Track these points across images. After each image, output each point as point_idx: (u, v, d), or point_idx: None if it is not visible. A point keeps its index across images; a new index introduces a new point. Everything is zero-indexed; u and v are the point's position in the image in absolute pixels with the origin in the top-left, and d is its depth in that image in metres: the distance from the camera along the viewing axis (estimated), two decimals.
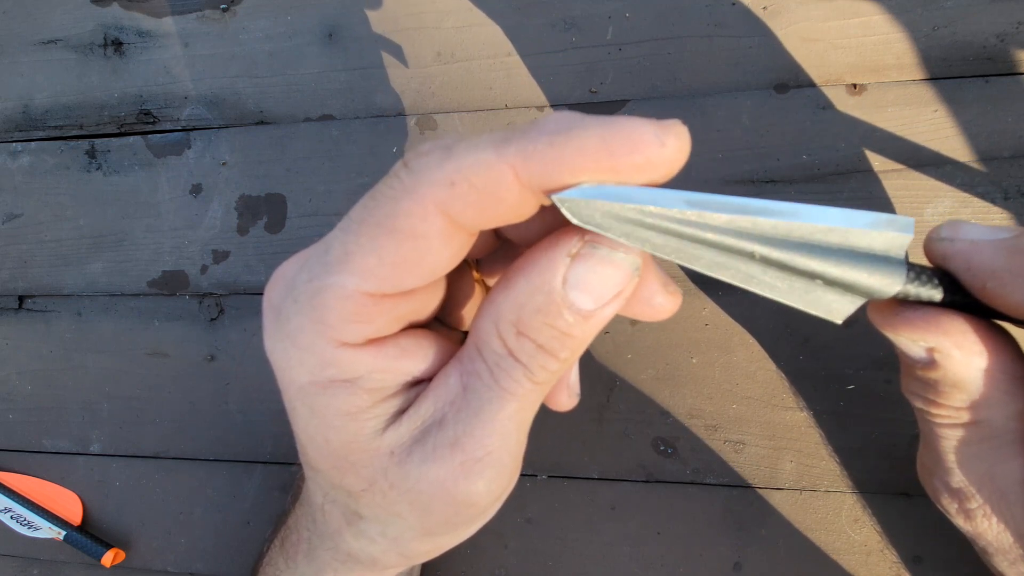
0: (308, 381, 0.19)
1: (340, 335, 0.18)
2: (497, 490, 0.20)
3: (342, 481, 0.20)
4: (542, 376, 0.18)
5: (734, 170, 0.32)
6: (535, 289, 0.17)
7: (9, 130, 0.41)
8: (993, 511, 0.21)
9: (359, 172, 0.36)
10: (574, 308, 0.17)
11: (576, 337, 0.18)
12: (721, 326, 0.32)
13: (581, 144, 0.16)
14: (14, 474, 0.39)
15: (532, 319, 0.18)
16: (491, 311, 0.18)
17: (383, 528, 0.21)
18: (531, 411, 0.20)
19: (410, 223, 0.17)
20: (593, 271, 0.17)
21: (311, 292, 0.18)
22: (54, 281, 0.40)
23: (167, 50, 0.39)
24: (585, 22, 0.34)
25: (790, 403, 0.31)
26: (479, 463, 0.19)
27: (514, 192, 0.16)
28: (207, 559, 0.37)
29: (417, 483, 0.19)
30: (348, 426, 0.19)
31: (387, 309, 0.18)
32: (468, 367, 0.19)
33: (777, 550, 0.31)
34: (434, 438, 0.19)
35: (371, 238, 0.17)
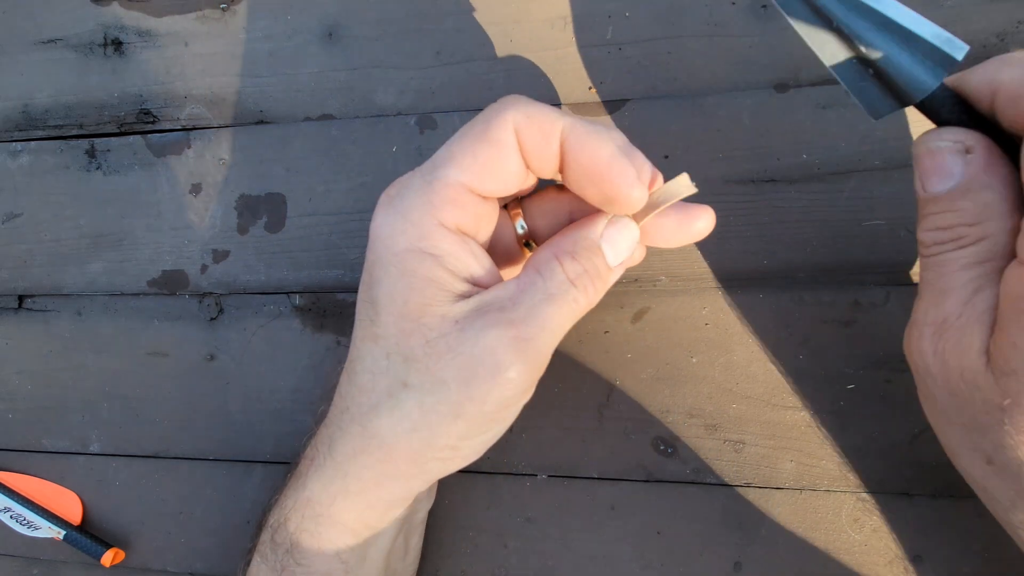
0: (405, 248, 0.24)
1: (440, 215, 0.24)
2: (531, 377, 0.24)
3: (407, 343, 0.24)
4: (580, 296, 0.25)
5: (734, 169, 0.32)
6: (585, 236, 0.25)
7: (9, 129, 0.41)
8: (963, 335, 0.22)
9: (359, 172, 0.36)
10: (603, 255, 0.25)
11: (603, 278, 0.25)
12: (721, 326, 0.32)
13: (602, 148, 0.24)
14: (14, 474, 0.39)
15: (583, 252, 0.25)
16: (551, 247, 0.25)
17: (422, 398, 0.24)
18: (567, 322, 0.25)
19: (495, 132, 0.24)
20: (618, 232, 0.26)
21: (423, 182, 0.25)
22: (54, 281, 0.40)
23: (167, 50, 0.39)
24: (585, 21, 0.34)
25: (790, 403, 0.31)
26: (526, 342, 0.24)
27: (557, 141, 0.24)
28: (207, 559, 0.37)
29: (472, 347, 0.23)
30: (428, 290, 0.24)
31: (475, 204, 0.25)
32: (525, 280, 0.25)
33: (777, 550, 0.31)
34: (495, 316, 0.24)
35: (469, 144, 0.24)
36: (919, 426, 0.30)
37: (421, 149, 0.36)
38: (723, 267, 0.32)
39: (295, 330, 0.37)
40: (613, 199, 0.24)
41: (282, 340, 0.37)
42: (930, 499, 0.30)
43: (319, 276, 0.36)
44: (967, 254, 0.22)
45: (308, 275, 0.37)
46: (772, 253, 0.32)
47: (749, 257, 0.32)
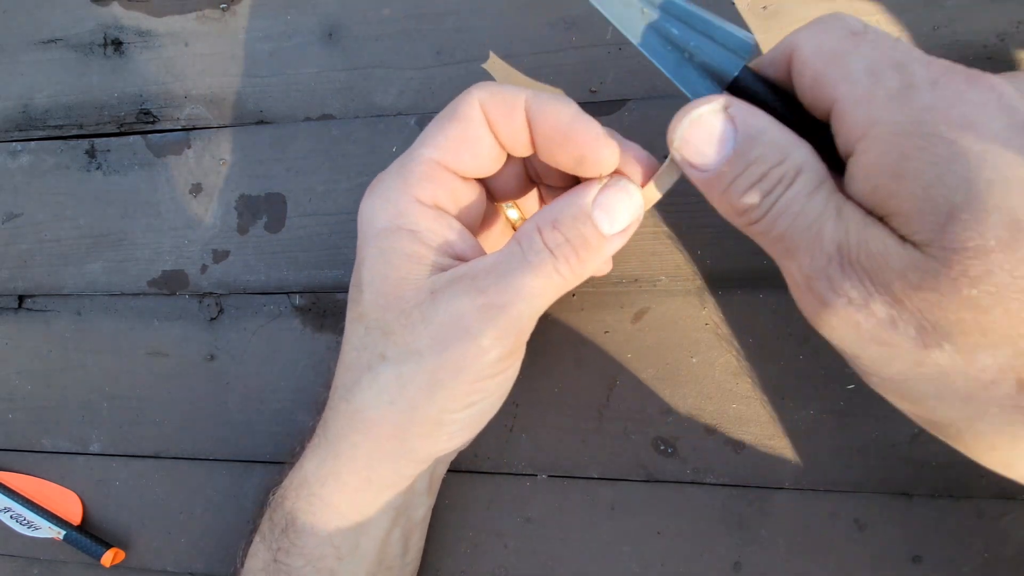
0: (384, 226, 0.25)
1: (415, 191, 0.25)
2: (505, 346, 0.24)
3: (384, 316, 0.25)
4: (562, 266, 0.24)
5: None
6: (572, 203, 0.24)
7: (9, 129, 0.41)
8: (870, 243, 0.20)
9: (359, 172, 0.36)
10: (595, 222, 0.24)
11: (592, 248, 0.24)
12: (721, 326, 0.32)
13: (561, 111, 0.24)
14: (14, 474, 0.39)
15: (566, 220, 0.24)
16: (536, 216, 0.25)
17: (399, 369, 0.25)
18: (545, 294, 0.24)
19: (461, 109, 0.25)
20: (614, 196, 0.24)
21: (400, 164, 0.26)
22: (54, 281, 0.40)
23: (167, 49, 0.39)
24: (585, 22, 0.34)
25: (790, 403, 0.31)
26: (496, 309, 0.23)
27: (522, 113, 0.24)
28: (207, 559, 0.37)
29: (443, 315, 0.24)
30: (405, 265, 0.25)
31: (448, 180, 0.25)
32: (504, 251, 0.24)
33: (777, 550, 0.31)
34: (465, 283, 0.24)
35: (440, 125, 0.25)
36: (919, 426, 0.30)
37: None
38: (723, 267, 0.32)
39: (295, 330, 0.37)
40: (583, 158, 0.24)
41: (282, 340, 0.37)
42: (930, 499, 0.30)
43: (319, 276, 0.36)
44: (801, 185, 0.20)
45: (308, 275, 0.37)
46: None
47: (749, 257, 0.32)
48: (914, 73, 0.19)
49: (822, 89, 0.21)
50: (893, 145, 0.19)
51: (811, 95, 0.21)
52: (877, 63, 0.20)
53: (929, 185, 0.18)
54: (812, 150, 0.21)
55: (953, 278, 0.18)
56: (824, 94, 0.21)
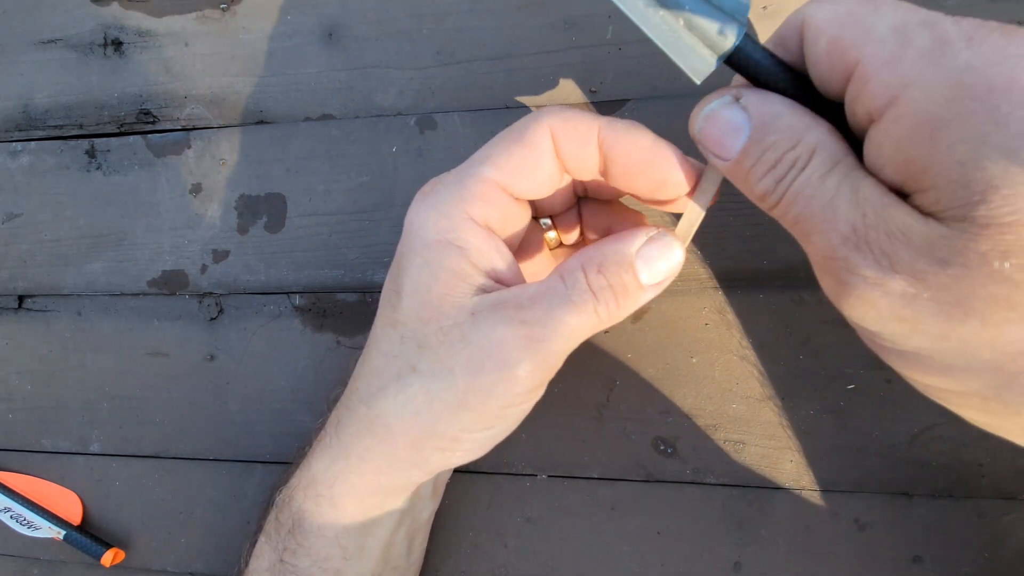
0: (434, 238, 0.25)
1: (471, 209, 0.25)
2: (537, 378, 0.25)
3: (423, 329, 0.25)
4: (601, 308, 0.24)
5: None
6: (618, 249, 0.25)
7: (9, 130, 0.41)
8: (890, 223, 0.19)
9: (359, 172, 0.36)
10: (635, 273, 0.24)
11: (630, 294, 0.24)
12: (721, 326, 0.32)
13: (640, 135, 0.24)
14: (14, 474, 0.39)
15: (611, 266, 0.24)
16: (580, 255, 0.25)
17: (428, 384, 0.25)
18: (582, 331, 0.24)
19: (531, 135, 0.25)
20: (657, 250, 0.25)
21: (458, 177, 0.26)
22: (54, 281, 0.40)
23: (167, 49, 0.39)
24: (585, 22, 0.34)
25: (790, 403, 0.31)
26: (535, 342, 0.24)
27: (595, 142, 0.25)
28: (207, 559, 0.37)
29: (483, 338, 0.24)
30: (450, 280, 0.25)
31: (503, 201, 0.26)
32: (549, 284, 0.24)
33: (777, 550, 0.31)
34: (510, 312, 0.24)
35: (505, 145, 0.25)
36: (919, 426, 0.30)
37: (421, 149, 0.36)
38: (723, 267, 0.32)
39: (295, 330, 0.37)
40: (664, 182, 0.24)
41: (282, 340, 0.37)
42: (930, 499, 0.30)
43: (319, 276, 0.36)
44: (815, 166, 0.20)
45: (308, 275, 0.37)
46: (772, 253, 0.32)
47: (749, 257, 0.32)
48: (946, 30, 0.18)
49: (841, 54, 0.19)
50: (927, 112, 0.17)
51: (827, 65, 0.20)
52: (903, 21, 0.18)
53: (966, 157, 0.17)
54: (829, 128, 0.20)
55: (983, 252, 0.17)
56: (844, 59, 0.19)
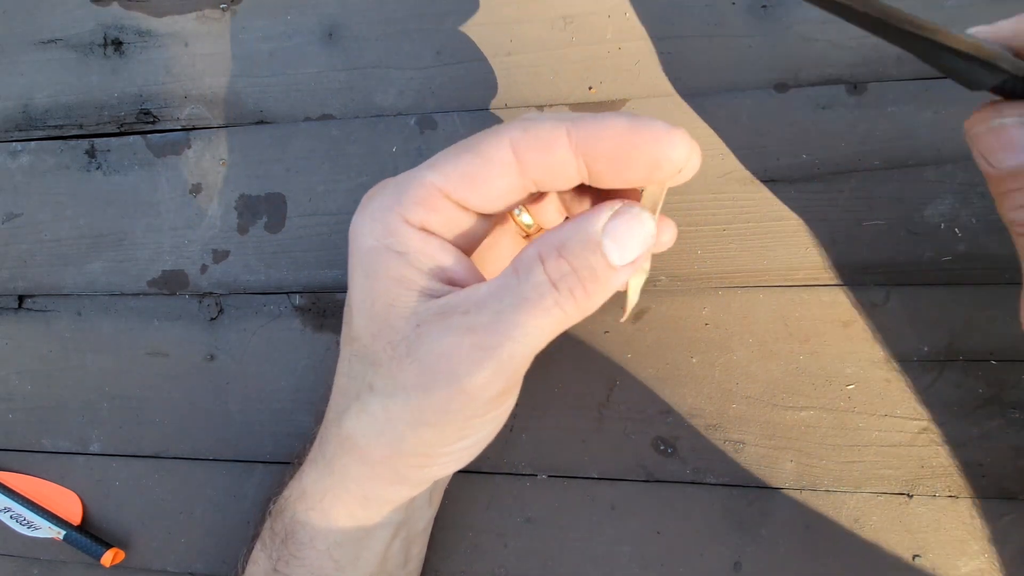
0: (371, 246, 0.23)
1: (407, 213, 0.23)
2: (494, 389, 0.22)
3: (373, 345, 0.23)
4: (565, 300, 0.22)
5: (733, 169, 0.32)
6: (580, 228, 0.22)
7: (9, 130, 0.41)
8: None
9: (359, 172, 0.36)
10: (604, 251, 0.21)
11: (599, 278, 0.22)
12: (721, 326, 0.32)
13: (614, 119, 0.22)
14: (14, 474, 0.39)
15: (574, 247, 0.21)
16: (536, 242, 0.22)
17: (385, 402, 0.23)
18: (543, 332, 0.22)
19: (486, 146, 0.22)
20: (625, 224, 0.22)
21: (398, 181, 0.24)
22: (54, 281, 0.40)
23: (167, 49, 0.39)
24: (584, 21, 0.34)
25: (790, 403, 0.31)
26: (485, 351, 0.21)
27: (564, 147, 0.22)
28: (207, 559, 0.37)
29: (429, 353, 0.22)
30: (393, 290, 0.23)
31: (447, 208, 0.23)
32: (501, 281, 0.22)
33: (777, 550, 0.31)
34: (456, 319, 0.22)
35: (455, 153, 0.23)
36: (919, 426, 0.30)
37: (421, 149, 0.36)
38: (723, 267, 0.32)
39: (295, 330, 0.37)
40: (657, 161, 0.22)
41: (282, 340, 0.37)
42: (930, 499, 0.30)
43: (319, 276, 0.36)
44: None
45: (308, 275, 0.37)
46: (772, 253, 0.32)
47: (749, 257, 0.32)
48: None
49: None
50: None
51: None
52: None
53: None
54: None
55: None
56: None
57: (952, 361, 0.30)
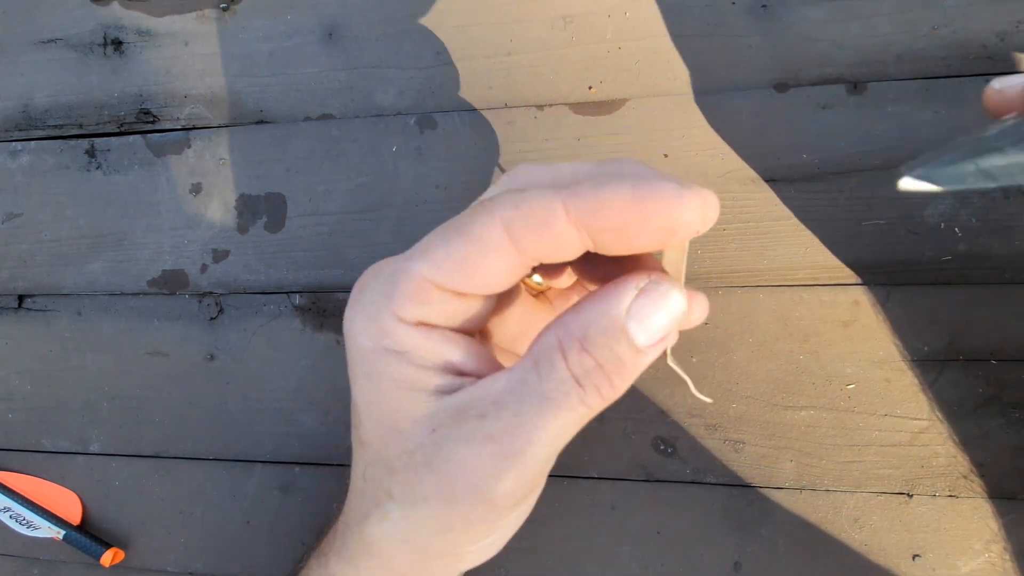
0: (370, 348, 0.22)
1: (400, 310, 0.21)
2: (518, 494, 0.21)
3: (386, 452, 0.22)
4: (590, 396, 0.20)
5: (733, 169, 0.32)
6: (603, 313, 0.20)
7: (9, 129, 0.41)
8: None
9: (359, 171, 0.36)
10: (630, 338, 0.20)
11: (627, 367, 0.20)
12: (721, 326, 0.32)
13: (615, 192, 0.19)
14: (14, 474, 0.39)
15: (596, 338, 0.20)
16: (556, 328, 0.20)
17: (406, 512, 0.22)
18: (567, 432, 0.21)
19: (477, 229, 0.20)
20: (653, 303, 0.20)
21: (388, 273, 0.22)
22: (54, 280, 0.40)
23: (167, 49, 0.39)
24: (584, 20, 0.34)
25: (790, 403, 0.31)
26: (507, 460, 0.20)
27: (562, 222, 0.20)
28: (207, 559, 0.37)
29: (447, 463, 0.21)
30: (397, 393, 0.22)
31: (442, 299, 0.22)
32: (519, 375, 0.20)
33: (777, 550, 0.31)
34: (472, 426, 0.20)
35: (446, 237, 0.21)
36: (919, 426, 0.30)
37: (421, 149, 0.36)
38: (723, 267, 0.32)
39: (295, 330, 0.37)
40: (670, 229, 0.19)
41: (282, 340, 0.37)
42: (930, 499, 0.30)
43: (319, 276, 0.36)
44: None
45: (308, 275, 0.37)
46: (772, 253, 0.32)
47: (749, 257, 0.32)
48: None
49: None
50: None
51: None
52: None
53: None
54: None
55: None
56: None
57: (952, 361, 0.30)
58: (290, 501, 0.36)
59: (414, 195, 0.35)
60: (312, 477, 0.36)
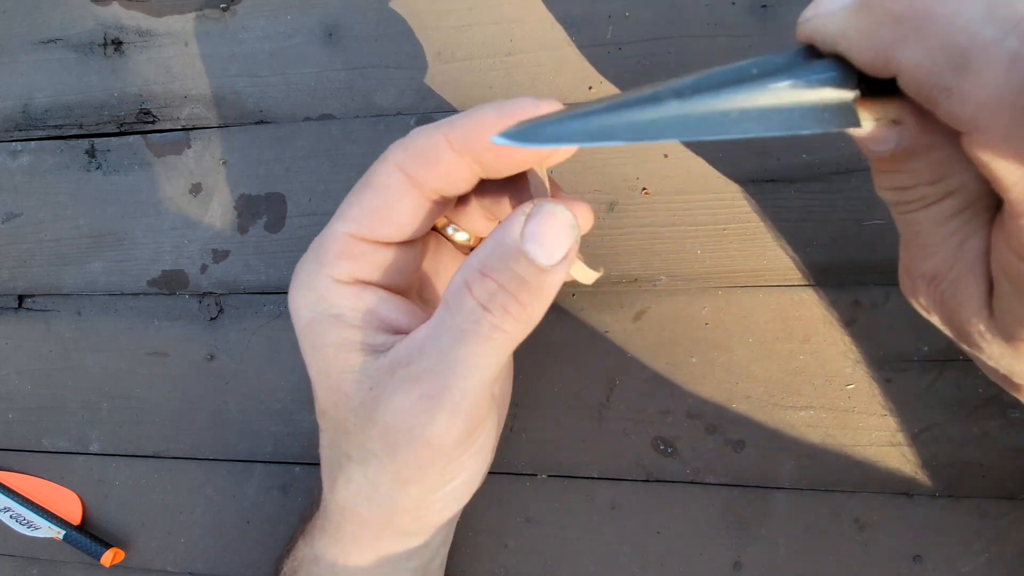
0: (310, 318, 0.23)
1: (331, 271, 0.23)
2: (456, 431, 0.22)
3: (339, 415, 0.23)
4: (502, 320, 0.20)
5: (733, 169, 0.32)
6: (498, 242, 0.20)
7: (9, 129, 0.41)
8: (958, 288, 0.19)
9: (359, 171, 0.36)
10: (530, 257, 0.20)
11: (533, 287, 0.20)
12: (721, 326, 0.32)
13: (484, 113, 0.21)
14: (13, 473, 0.39)
15: (495, 263, 0.20)
16: (461, 269, 0.21)
17: (364, 470, 0.23)
18: (489, 362, 0.21)
19: (379, 179, 0.23)
20: (543, 223, 0.20)
21: (316, 243, 0.24)
22: (54, 280, 0.40)
23: (167, 49, 0.39)
24: (584, 21, 0.34)
25: (790, 403, 0.31)
26: (434, 399, 0.21)
27: (447, 152, 0.22)
28: (207, 559, 0.37)
29: (384, 415, 0.22)
30: (340, 356, 0.23)
31: (368, 251, 0.23)
32: (436, 320, 0.21)
33: (777, 550, 0.31)
34: (400, 374, 0.21)
35: (355, 194, 0.24)
36: (919, 426, 0.30)
37: None
38: (723, 267, 0.32)
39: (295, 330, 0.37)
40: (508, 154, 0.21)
41: (282, 340, 0.37)
42: (930, 499, 0.30)
43: None
44: (938, 211, 0.19)
45: None
46: (772, 253, 0.32)
47: (749, 257, 0.32)
48: None
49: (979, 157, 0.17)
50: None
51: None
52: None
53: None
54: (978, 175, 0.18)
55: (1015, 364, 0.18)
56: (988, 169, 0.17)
57: (952, 361, 0.30)
58: (290, 501, 0.36)
59: None
60: (312, 477, 0.36)
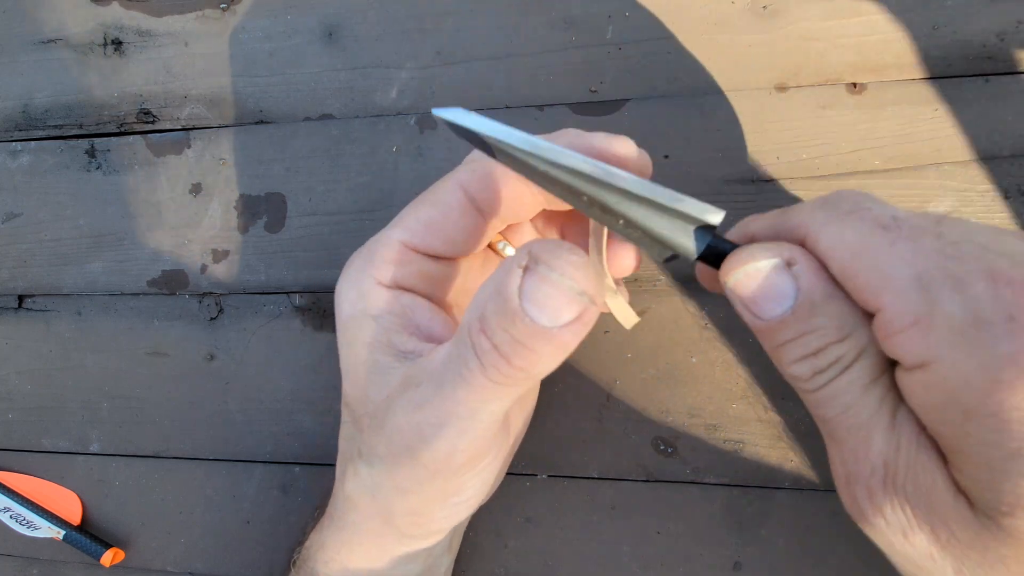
0: (349, 314, 0.24)
1: (377, 273, 0.24)
2: (456, 461, 0.21)
3: (357, 413, 0.24)
4: (496, 375, 0.19)
5: (733, 169, 0.32)
6: (495, 294, 0.18)
7: (9, 129, 0.41)
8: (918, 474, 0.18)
9: (359, 171, 0.36)
10: (530, 320, 0.17)
11: (534, 351, 0.18)
12: (721, 326, 0.32)
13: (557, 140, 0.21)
14: (13, 473, 0.39)
15: (491, 319, 0.18)
16: (471, 303, 0.20)
17: (369, 470, 0.24)
18: (493, 404, 0.20)
19: (440, 194, 0.24)
20: (538, 285, 0.18)
21: (369, 244, 0.25)
22: (54, 280, 0.40)
23: (167, 49, 0.39)
24: (585, 21, 0.34)
25: (790, 403, 0.31)
26: (432, 428, 0.21)
27: (511, 178, 0.23)
28: (207, 559, 0.37)
29: (390, 428, 0.22)
30: (369, 357, 0.23)
31: (416, 260, 0.24)
32: (449, 348, 0.21)
33: (777, 550, 0.31)
34: (410, 394, 0.21)
35: (414, 206, 0.25)
36: None
37: (421, 149, 0.36)
38: None
39: (295, 330, 0.37)
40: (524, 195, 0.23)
41: (282, 340, 0.37)
42: None
43: (319, 276, 0.36)
44: (858, 373, 0.18)
45: (308, 275, 0.37)
46: None
47: None
48: (979, 299, 0.16)
49: (857, 291, 0.18)
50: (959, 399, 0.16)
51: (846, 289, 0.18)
52: (926, 273, 0.16)
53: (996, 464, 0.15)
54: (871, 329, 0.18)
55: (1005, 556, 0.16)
56: (860, 296, 0.18)
57: None
58: (290, 501, 0.36)
59: (414, 195, 0.35)
60: (312, 477, 0.36)
